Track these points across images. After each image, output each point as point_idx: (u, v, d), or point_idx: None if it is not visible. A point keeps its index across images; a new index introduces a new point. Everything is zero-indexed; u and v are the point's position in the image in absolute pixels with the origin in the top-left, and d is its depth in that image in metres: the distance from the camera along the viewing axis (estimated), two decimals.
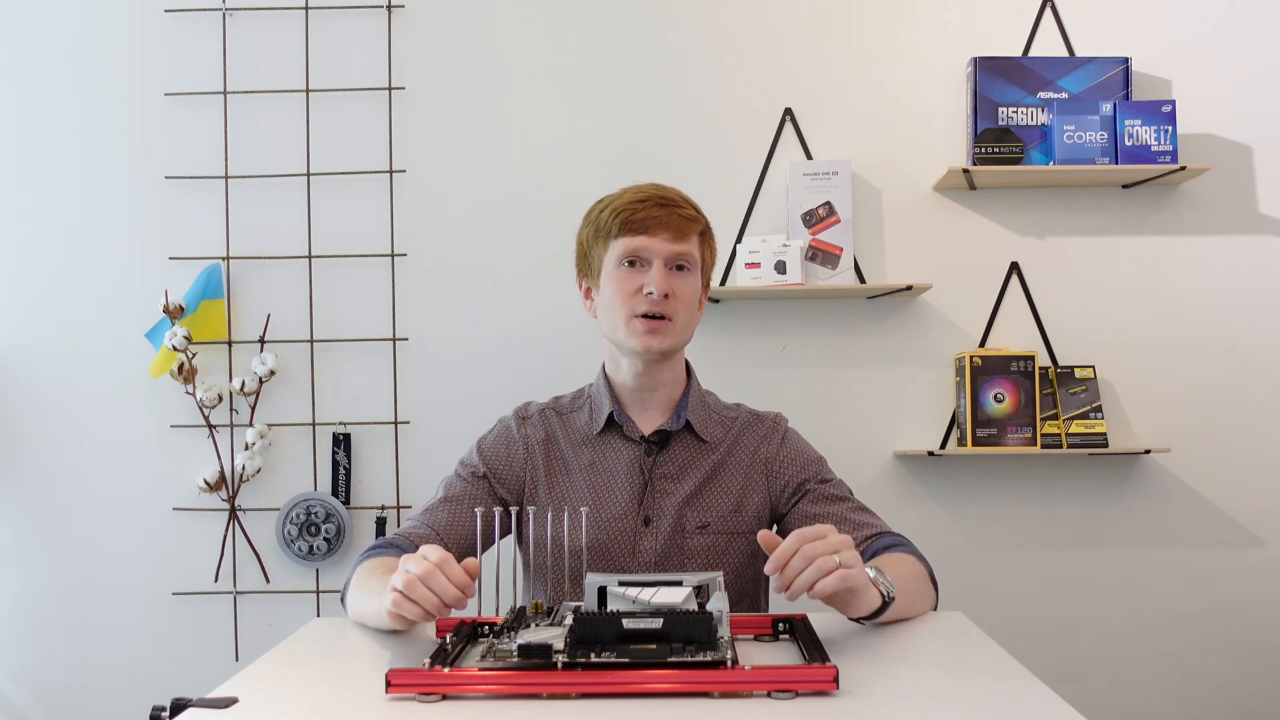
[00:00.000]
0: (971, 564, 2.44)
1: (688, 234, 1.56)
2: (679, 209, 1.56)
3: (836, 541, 1.19)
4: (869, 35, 2.46)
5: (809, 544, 1.17)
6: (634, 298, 1.54)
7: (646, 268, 1.55)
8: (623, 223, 1.55)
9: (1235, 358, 2.44)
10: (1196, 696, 2.43)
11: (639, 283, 1.54)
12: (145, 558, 2.46)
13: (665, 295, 1.52)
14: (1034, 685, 1.05)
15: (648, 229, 1.54)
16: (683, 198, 1.59)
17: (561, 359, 2.42)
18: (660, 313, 1.53)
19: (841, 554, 1.17)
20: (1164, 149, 2.33)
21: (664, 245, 1.54)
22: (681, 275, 1.56)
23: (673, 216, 1.55)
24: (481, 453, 1.63)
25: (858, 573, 1.19)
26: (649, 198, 1.56)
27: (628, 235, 1.55)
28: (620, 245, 1.56)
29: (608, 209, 1.58)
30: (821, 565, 1.15)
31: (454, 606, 1.16)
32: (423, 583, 1.14)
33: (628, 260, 1.55)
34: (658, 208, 1.55)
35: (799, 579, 1.15)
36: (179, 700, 1.04)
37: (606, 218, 1.57)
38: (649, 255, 1.55)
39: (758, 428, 1.65)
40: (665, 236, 1.54)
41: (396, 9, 2.47)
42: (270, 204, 2.47)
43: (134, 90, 2.47)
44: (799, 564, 1.16)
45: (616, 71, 2.46)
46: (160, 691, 2.19)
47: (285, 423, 2.46)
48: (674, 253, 1.55)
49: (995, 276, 2.45)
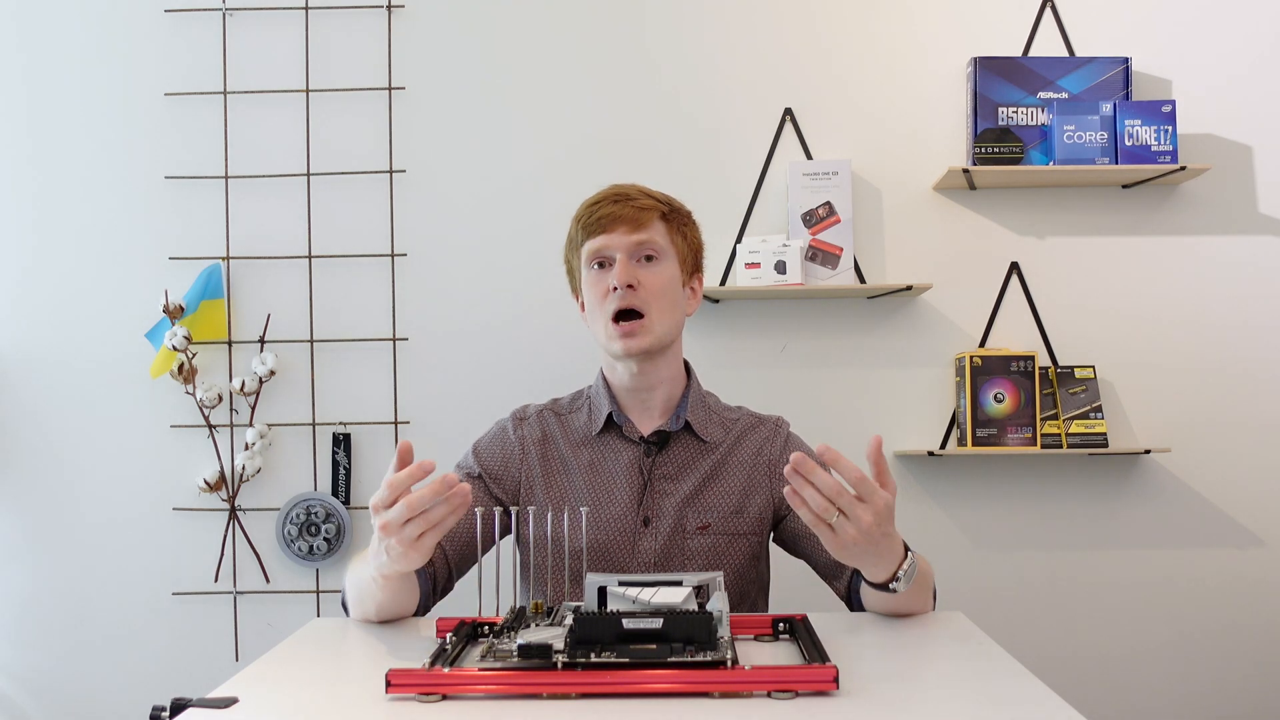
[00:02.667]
0: (971, 564, 2.44)
1: (644, 223, 1.56)
2: (632, 201, 1.57)
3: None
4: (869, 35, 2.46)
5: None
6: (605, 299, 1.54)
7: (612, 266, 1.55)
8: (584, 227, 1.58)
9: (1235, 358, 2.44)
10: (1197, 696, 2.43)
11: (606, 283, 1.55)
12: (145, 558, 2.45)
13: (630, 286, 1.52)
14: (1034, 685, 1.05)
15: (605, 227, 1.55)
16: (640, 190, 1.60)
17: (561, 359, 2.42)
18: (629, 307, 1.53)
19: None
20: (1164, 149, 2.33)
21: (622, 239, 1.55)
22: (650, 265, 1.56)
23: (627, 209, 1.55)
24: (477, 454, 1.63)
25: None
26: (603, 198, 1.58)
27: (590, 238, 1.57)
28: (587, 249, 1.58)
29: (576, 218, 1.61)
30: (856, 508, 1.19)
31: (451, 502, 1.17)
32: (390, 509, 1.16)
33: (596, 263, 1.57)
34: (611, 204, 1.56)
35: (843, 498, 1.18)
36: (179, 700, 1.04)
37: (575, 227, 1.61)
38: (610, 252, 1.56)
39: (760, 430, 1.65)
40: (623, 230, 1.55)
41: (396, 9, 2.47)
42: (270, 204, 2.47)
43: (134, 90, 2.47)
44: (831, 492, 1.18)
45: (617, 71, 2.46)
46: (160, 691, 2.20)
47: (285, 423, 2.46)
48: (634, 243, 1.55)
49: (995, 276, 2.45)
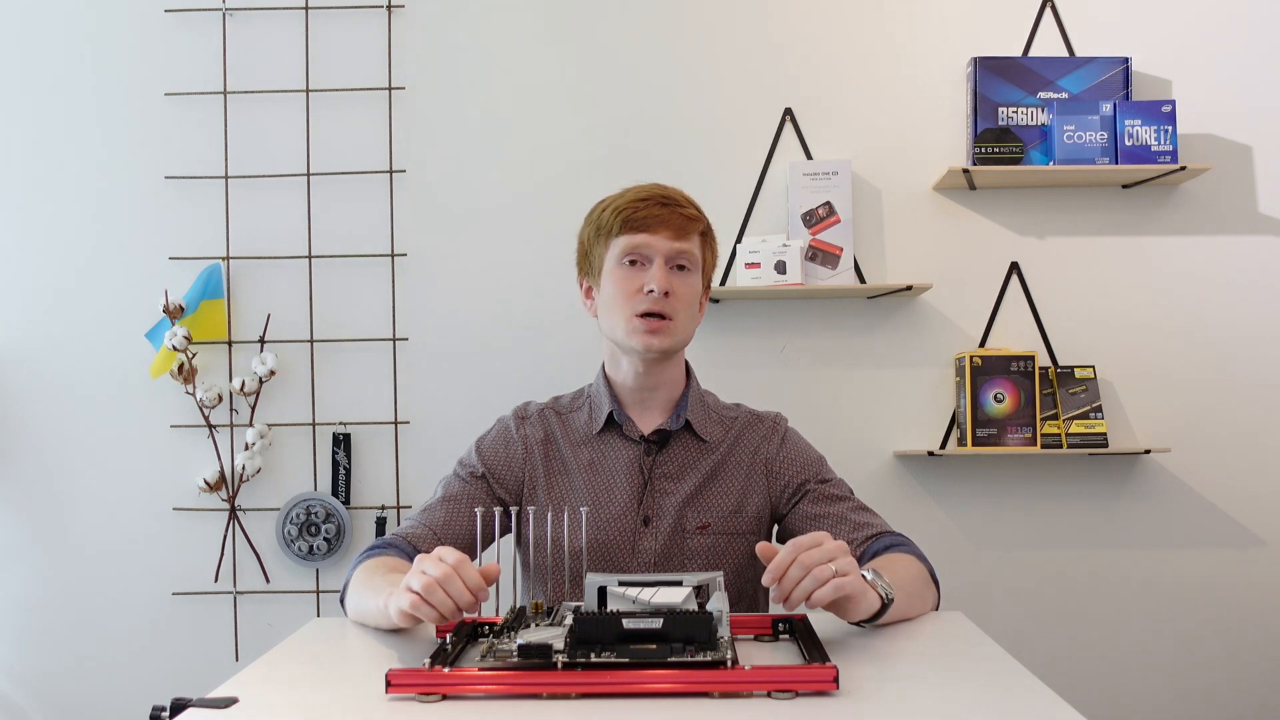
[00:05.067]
0: (971, 564, 2.44)
1: (689, 233, 1.56)
2: (681, 208, 1.57)
3: (832, 549, 1.19)
4: (869, 35, 2.46)
5: (805, 552, 1.17)
6: (635, 296, 1.54)
7: (647, 266, 1.55)
8: (624, 221, 1.55)
9: (1235, 358, 2.44)
10: (1197, 696, 2.43)
11: (639, 281, 1.54)
12: (145, 558, 2.46)
13: (665, 293, 1.52)
14: (1034, 685, 1.05)
15: (649, 227, 1.54)
16: (684, 198, 1.60)
17: (561, 359, 2.42)
18: (660, 311, 1.53)
19: (837, 561, 1.17)
20: (1164, 149, 2.33)
21: (665, 243, 1.54)
22: (682, 275, 1.56)
23: (674, 215, 1.55)
24: (480, 453, 1.63)
25: (853, 579, 1.19)
26: (651, 196, 1.57)
27: (629, 233, 1.55)
28: (621, 243, 1.56)
29: (610, 208, 1.59)
30: (818, 575, 1.15)
31: (468, 611, 1.16)
32: (441, 586, 1.14)
33: (629, 259, 1.56)
34: (659, 206, 1.55)
35: (797, 589, 1.16)
36: (179, 700, 1.04)
37: (608, 216, 1.58)
38: (650, 253, 1.55)
39: (758, 428, 1.65)
40: (666, 234, 1.54)
41: (396, 9, 2.47)
42: (270, 204, 2.47)
43: (134, 90, 2.47)
44: (796, 573, 1.16)
45: (616, 71, 2.46)
46: (160, 691, 2.19)
47: (285, 423, 2.46)
48: (675, 250, 1.55)
49: (995, 276, 2.45)
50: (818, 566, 1.16)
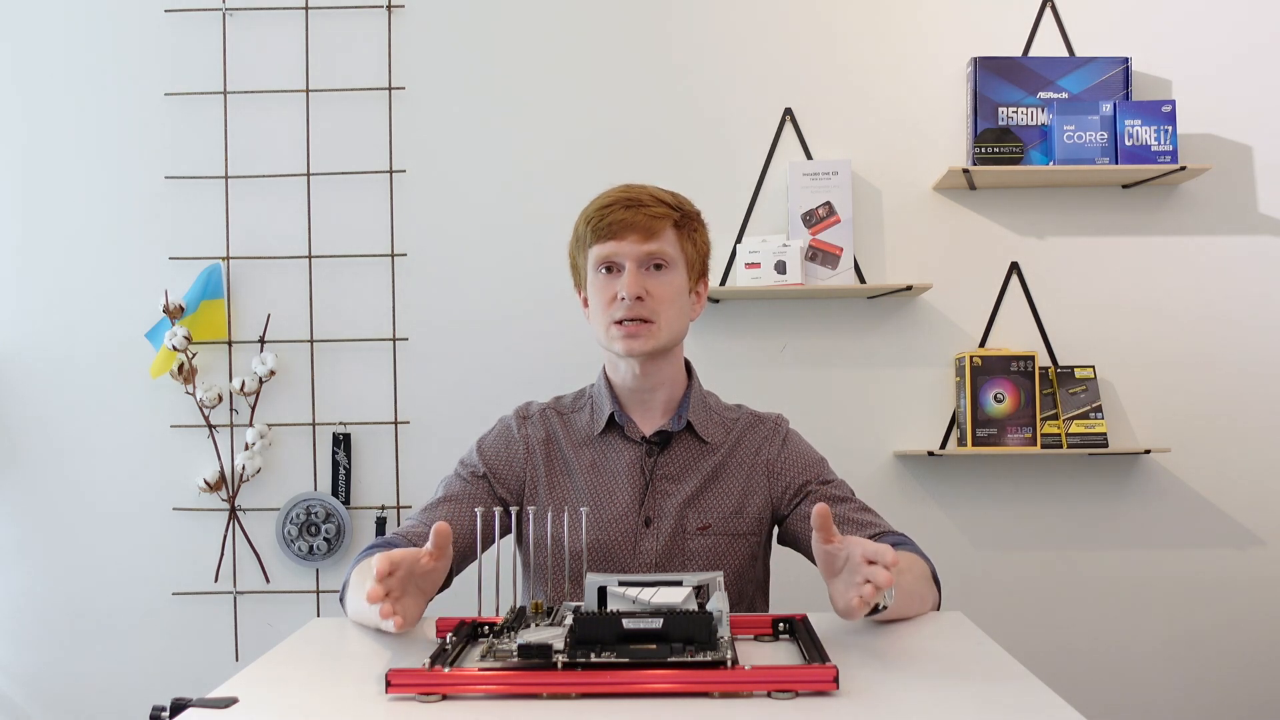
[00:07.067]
0: (971, 564, 2.44)
1: (656, 232, 1.55)
2: (645, 208, 1.55)
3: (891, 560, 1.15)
4: (869, 35, 2.46)
5: (872, 567, 1.14)
6: (612, 304, 1.54)
7: (621, 273, 1.55)
8: (594, 230, 1.56)
9: (1235, 358, 2.44)
10: (1196, 696, 2.43)
11: (614, 289, 1.54)
12: (145, 558, 2.46)
13: (639, 297, 1.52)
14: (1034, 685, 1.05)
15: (615, 234, 1.54)
16: (651, 195, 1.57)
17: (561, 359, 2.42)
18: (636, 316, 1.52)
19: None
20: (1164, 149, 2.33)
21: (633, 248, 1.53)
22: (659, 274, 1.55)
23: (639, 217, 1.54)
24: (482, 452, 1.63)
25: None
26: (615, 201, 1.56)
27: (599, 242, 1.55)
28: (594, 253, 1.56)
29: (582, 217, 1.59)
30: (880, 584, 1.13)
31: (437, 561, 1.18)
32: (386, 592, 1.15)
33: (603, 267, 1.56)
34: (624, 210, 1.54)
35: (868, 588, 1.13)
36: (179, 700, 1.04)
37: (582, 226, 1.59)
38: (620, 260, 1.54)
39: (759, 429, 1.65)
40: (634, 238, 1.53)
41: (396, 9, 2.47)
42: (270, 204, 2.47)
43: (134, 90, 2.47)
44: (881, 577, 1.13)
45: (616, 71, 2.46)
46: (160, 691, 2.20)
47: (285, 423, 2.46)
48: (644, 254, 1.54)
49: (995, 276, 2.45)
50: (888, 584, 1.13)
